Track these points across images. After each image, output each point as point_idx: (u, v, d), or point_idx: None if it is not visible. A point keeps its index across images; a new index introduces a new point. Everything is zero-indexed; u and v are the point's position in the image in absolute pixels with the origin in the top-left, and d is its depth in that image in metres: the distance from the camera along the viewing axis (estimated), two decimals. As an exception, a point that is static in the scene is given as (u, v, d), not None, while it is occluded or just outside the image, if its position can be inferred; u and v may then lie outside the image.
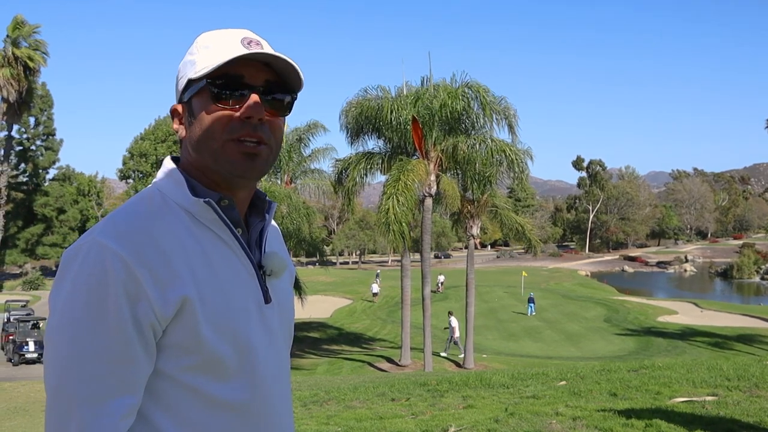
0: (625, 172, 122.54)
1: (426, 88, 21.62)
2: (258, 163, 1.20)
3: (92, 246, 1.09)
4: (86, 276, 1.08)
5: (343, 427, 6.72)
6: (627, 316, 38.31)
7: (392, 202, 19.24)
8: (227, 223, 1.21)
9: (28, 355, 23.68)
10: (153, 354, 1.13)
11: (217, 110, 1.18)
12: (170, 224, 1.16)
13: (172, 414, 1.15)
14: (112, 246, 1.08)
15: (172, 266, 1.12)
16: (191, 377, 1.15)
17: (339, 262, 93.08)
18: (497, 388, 8.94)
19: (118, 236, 1.10)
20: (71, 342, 1.08)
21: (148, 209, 1.17)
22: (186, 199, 1.19)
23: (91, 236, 1.11)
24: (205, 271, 1.16)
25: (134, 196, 1.21)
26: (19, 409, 15.20)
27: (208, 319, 1.14)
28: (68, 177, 66.88)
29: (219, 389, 1.17)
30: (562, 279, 61.86)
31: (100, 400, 1.08)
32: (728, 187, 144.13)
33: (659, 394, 7.20)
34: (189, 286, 1.12)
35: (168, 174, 1.24)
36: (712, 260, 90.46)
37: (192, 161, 1.24)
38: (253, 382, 1.21)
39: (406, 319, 22.62)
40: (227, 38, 1.20)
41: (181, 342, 1.13)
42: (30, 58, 39.46)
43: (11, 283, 59.12)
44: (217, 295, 1.16)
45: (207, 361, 1.15)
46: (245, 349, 1.19)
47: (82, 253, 1.10)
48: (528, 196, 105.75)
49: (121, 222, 1.14)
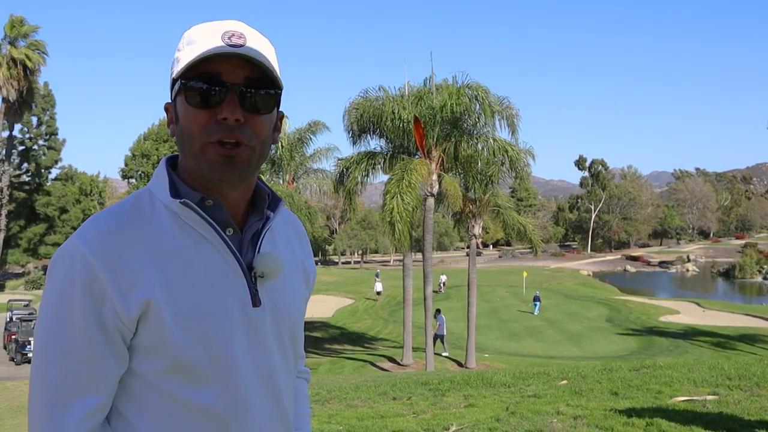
0: (627, 172, 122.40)
1: (428, 88, 21.62)
2: (238, 166, 1.14)
3: (68, 249, 1.12)
4: (59, 278, 1.11)
5: (344, 426, 6.73)
6: (629, 315, 38.27)
7: (396, 201, 19.24)
8: (211, 224, 1.17)
9: (30, 355, 23.68)
10: (123, 355, 1.13)
11: (195, 111, 1.13)
12: (149, 225, 1.15)
13: (150, 414, 1.15)
14: (82, 248, 1.10)
15: (137, 268, 1.10)
16: (164, 380, 1.14)
17: (341, 262, 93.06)
18: (498, 388, 8.95)
19: (90, 238, 1.11)
20: (44, 342, 1.11)
21: (131, 210, 1.17)
22: (167, 199, 1.17)
23: (71, 239, 1.14)
24: (181, 273, 1.13)
25: (126, 196, 1.23)
26: (21, 408, 15.23)
27: (178, 322, 1.11)
28: (70, 177, 66.90)
29: (193, 393, 1.14)
30: (564, 279, 61.78)
31: (64, 399, 1.09)
32: (731, 187, 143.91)
33: (660, 393, 7.20)
34: (155, 289, 1.11)
35: (159, 173, 1.23)
36: (714, 260, 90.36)
37: (182, 161, 1.22)
38: (232, 387, 1.17)
39: (407, 318, 22.64)
40: (210, 32, 1.14)
41: (149, 344, 1.12)
42: (28, 57, 39.52)
43: (13, 282, 59.18)
44: (191, 297, 1.13)
45: (177, 365, 1.13)
46: (222, 353, 1.15)
47: (60, 256, 1.13)
48: (530, 195, 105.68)
49: (98, 224, 1.14)
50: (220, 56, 1.11)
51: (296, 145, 26.38)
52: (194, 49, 1.13)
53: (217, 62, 1.12)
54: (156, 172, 1.24)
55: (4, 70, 38.84)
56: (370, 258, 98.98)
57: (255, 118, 1.15)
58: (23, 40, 40.38)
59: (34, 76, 41.21)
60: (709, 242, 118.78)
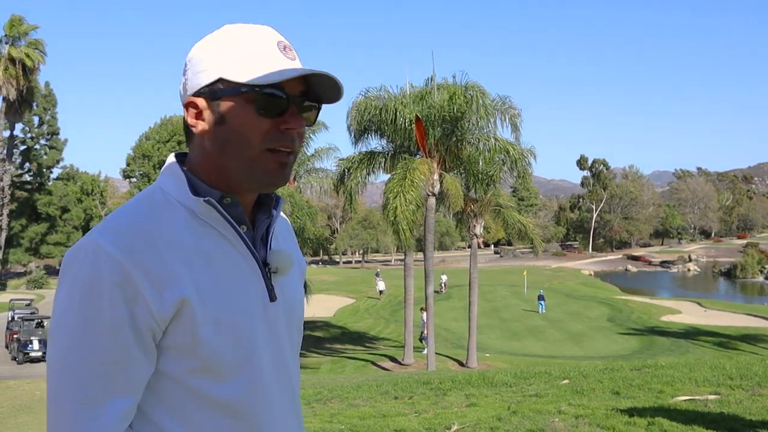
0: (628, 172, 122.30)
1: (429, 87, 21.64)
2: (287, 172, 1.20)
3: (89, 247, 1.09)
4: (83, 278, 1.07)
5: (346, 425, 6.74)
6: (630, 315, 38.27)
7: (399, 201, 19.26)
8: (230, 221, 1.19)
9: (32, 354, 23.74)
10: (153, 355, 1.12)
11: (259, 119, 1.15)
12: (170, 223, 1.14)
13: (175, 414, 1.14)
14: (108, 247, 1.07)
15: (169, 266, 1.10)
16: (191, 378, 1.14)
17: (342, 262, 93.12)
18: (500, 387, 8.96)
19: (115, 237, 1.09)
20: (69, 343, 1.07)
21: (148, 208, 1.15)
22: (187, 197, 1.17)
23: (90, 237, 1.10)
24: (206, 271, 1.14)
25: (137, 194, 1.19)
26: (24, 407, 15.24)
27: (208, 320, 1.12)
28: (72, 176, 66.97)
29: (219, 390, 1.15)
30: (565, 278, 61.78)
31: (98, 401, 1.07)
32: (732, 187, 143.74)
33: (662, 392, 7.21)
34: (187, 287, 1.11)
35: (170, 172, 1.21)
36: (715, 260, 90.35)
37: (206, 159, 1.21)
38: (255, 382, 1.19)
39: (409, 318, 22.66)
40: (262, 39, 1.17)
41: (180, 344, 1.12)
42: (28, 56, 39.55)
43: (15, 281, 59.22)
44: (218, 294, 1.15)
45: (206, 363, 1.13)
46: (246, 349, 1.18)
47: (81, 255, 1.09)
48: (531, 195, 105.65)
49: (119, 222, 1.12)
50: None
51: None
52: (260, 59, 1.15)
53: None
54: (166, 171, 1.22)
55: (3, 70, 38.90)
56: (371, 257, 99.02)
57: (303, 129, 1.20)
58: (22, 39, 40.43)
59: (33, 75, 41.25)
60: (711, 242, 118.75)
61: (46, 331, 25.42)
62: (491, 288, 48.94)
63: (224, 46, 1.17)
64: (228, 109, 1.16)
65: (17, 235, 60.70)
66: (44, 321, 26.61)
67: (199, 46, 1.21)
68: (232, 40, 1.17)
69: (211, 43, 1.19)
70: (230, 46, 1.17)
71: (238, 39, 1.17)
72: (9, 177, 45.00)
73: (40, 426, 12.73)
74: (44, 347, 23.95)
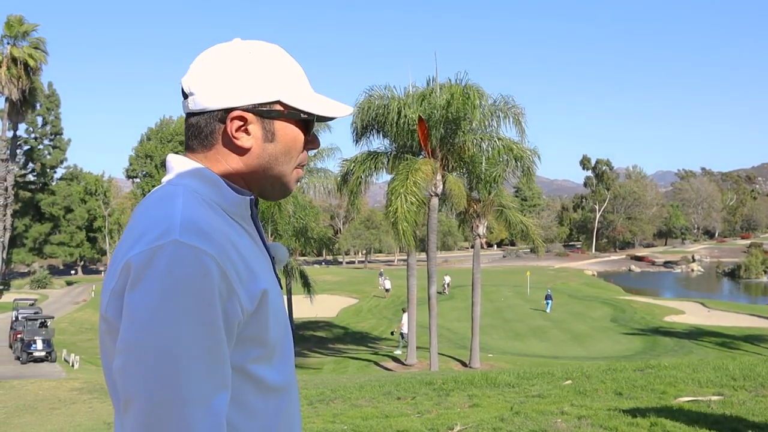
0: (632, 172, 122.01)
1: (432, 87, 21.62)
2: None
3: (178, 247, 1.05)
4: (182, 277, 1.04)
5: (349, 425, 6.75)
6: (634, 315, 38.22)
7: (400, 201, 19.26)
8: (255, 220, 1.27)
9: (36, 354, 23.80)
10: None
11: (300, 138, 1.28)
12: (226, 222, 1.17)
13: (233, 400, 1.15)
14: (202, 246, 1.06)
15: (247, 261, 1.15)
16: (253, 366, 1.17)
17: (345, 262, 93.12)
18: (503, 388, 8.96)
19: (203, 236, 1.07)
20: (176, 343, 1.03)
21: (206, 208, 1.15)
22: (227, 197, 1.20)
23: (168, 237, 1.06)
24: (258, 265, 1.20)
25: (170, 194, 1.16)
26: (28, 406, 15.29)
27: (274, 309, 1.19)
28: (75, 176, 67.10)
29: (271, 374, 1.21)
30: (568, 278, 61.71)
31: (208, 398, 1.05)
32: (736, 187, 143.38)
33: (665, 393, 7.20)
34: (263, 280, 1.17)
35: (198, 174, 1.21)
36: (719, 260, 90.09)
37: (244, 172, 1.24)
38: (292, 364, 1.29)
39: (412, 318, 22.65)
40: (297, 66, 1.29)
41: (254, 334, 1.15)
42: (30, 56, 39.58)
43: (19, 281, 59.33)
44: (269, 283, 1.21)
45: (269, 350, 1.19)
46: (287, 334, 1.27)
47: (165, 256, 1.04)
48: (534, 195, 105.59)
49: (198, 221, 1.10)
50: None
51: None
52: (306, 85, 1.29)
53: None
54: (191, 172, 1.21)
55: (5, 70, 38.93)
56: (374, 258, 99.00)
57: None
58: (24, 39, 40.46)
59: (36, 75, 41.27)
60: (714, 242, 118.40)
61: (49, 330, 25.47)
62: (494, 288, 48.92)
63: (275, 67, 1.25)
64: (282, 129, 1.25)
65: (21, 235, 60.83)
66: (48, 321, 26.67)
67: (234, 58, 1.23)
68: (280, 63, 1.26)
69: (260, 62, 1.23)
70: (280, 68, 1.25)
71: (283, 62, 1.27)
72: (12, 177, 45.05)
73: (43, 425, 12.76)
74: (47, 347, 24.00)
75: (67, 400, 16.00)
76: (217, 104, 1.21)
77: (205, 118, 1.22)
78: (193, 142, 1.25)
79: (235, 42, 1.26)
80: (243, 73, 1.21)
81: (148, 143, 66.69)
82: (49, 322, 26.70)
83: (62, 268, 75.21)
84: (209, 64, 1.23)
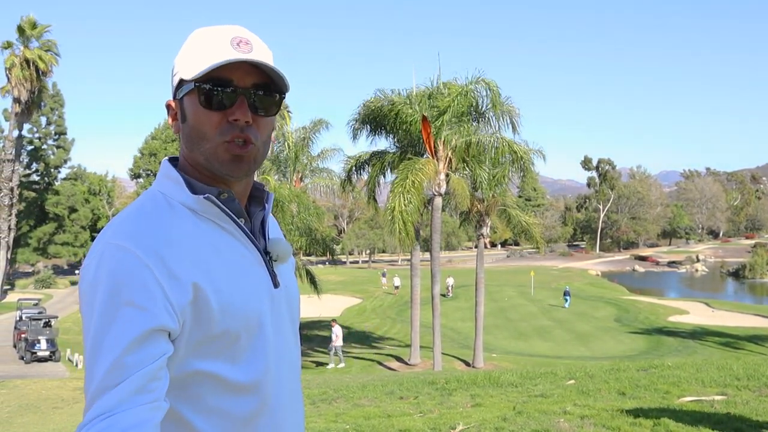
0: (636, 171, 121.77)
1: (436, 87, 21.63)
2: (245, 162, 1.24)
3: (107, 250, 1.13)
4: (108, 269, 1.11)
5: (351, 424, 6.74)
6: (638, 315, 38.16)
7: (398, 200, 19.32)
8: (230, 215, 1.25)
9: (39, 353, 23.85)
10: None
11: (207, 113, 1.22)
12: (176, 221, 1.20)
13: (193, 402, 1.19)
14: (124, 244, 1.12)
15: (181, 258, 1.15)
16: (210, 365, 1.18)
17: (349, 261, 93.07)
18: (506, 387, 8.94)
19: (128, 236, 1.14)
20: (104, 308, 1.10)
21: (152, 209, 1.21)
22: (187, 197, 1.23)
23: (103, 242, 1.15)
24: (215, 261, 1.20)
25: (137, 198, 1.25)
26: (31, 406, 15.33)
27: (222, 306, 1.18)
28: (79, 176, 67.20)
29: (235, 372, 1.20)
30: (572, 278, 61.60)
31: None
32: (740, 187, 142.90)
33: (668, 393, 7.17)
34: (199, 275, 1.16)
35: (166, 175, 1.27)
36: (723, 260, 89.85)
37: (187, 157, 1.28)
38: (264, 363, 1.25)
39: (415, 318, 22.64)
40: (217, 37, 1.23)
41: (200, 334, 1.17)
42: (41, 58, 39.61)
43: (23, 281, 59.48)
44: (229, 282, 1.20)
45: (223, 348, 1.18)
46: (257, 332, 1.23)
47: (98, 259, 1.13)
48: (538, 195, 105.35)
49: (127, 223, 1.17)
50: (234, 63, 1.20)
51: (302, 146, 26.45)
52: (203, 54, 1.21)
53: (230, 68, 1.21)
54: (162, 175, 1.28)
55: (17, 71, 38.96)
56: (377, 257, 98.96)
57: (260, 120, 1.25)
58: (36, 40, 40.49)
59: (45, 77, 41.33)
60: (719, 242, 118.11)
61: (53, 330, 25.52)
62: (498, 288, 48.86)
63: (186, 48, 1.25)
64: (187, 106, 1.25)
65: (25, 235, 60.94)
66: (51, 320, 26.71)
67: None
68: (193, 42, 1.25)
69: (182, 47, 1.27)
70: (190, 47, 1.25)
71: (198, 40, 1.25)
72: (17, 177, 45.11)
73: (46, 425, 12.78)
74: (51, 347, 24.04)
75: (70, 399, 16.04)
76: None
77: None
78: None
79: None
80: (173, 67, 1.28)
81: (153, 142, 66.79)
82: (53, 321, 26.75)
83: (66, 268, 75.37)
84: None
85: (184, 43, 1.26)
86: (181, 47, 1.26)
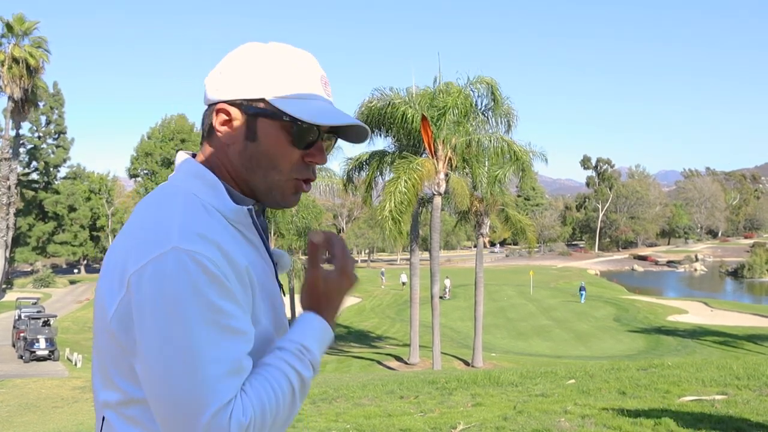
0: (635, 171, 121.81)
1: (436, 87, 21.64)
2: (300, 197, 1.27)
3: (182, 255, 1.05)
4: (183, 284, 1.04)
5: (352, 424, 6.74)
6: (637, 315, 38.19)
7: (390, 199, 19.37)
8: (258, 228, 1.24)
9: (38, 352, 23.83)
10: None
11: (290, 148, 1.20)
12: (223, 227, 1.15)
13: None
14: (199, 250, 1.06)
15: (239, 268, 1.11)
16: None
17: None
18: (506, 387, 8.94)
19: (202, 240, 1.08)
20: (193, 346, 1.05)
21: (204, 212, 1.15)
22: (227, 204, 1.18)
23: (170, 245, 1.06)
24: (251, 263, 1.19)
25: (169, 197, 1.17)
26: (30, 405, 15.32)
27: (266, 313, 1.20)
28: (79, 175, 67.19)
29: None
30: (571, 278, 61.63)
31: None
32: (739, 186, 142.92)
33: (668, 392, 7.18)
34: (255, 283, 1.16)
35: (197, 175, 1.20)
36: (722, 259, 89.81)
37: (232, 170, 1.22)
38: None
39: (414, 317, 22.63)
40: (308, 70, 1.22)
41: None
42: (31, 55, 39.60)
43: (22, 280, 59.44)
44: (264, 291, 1.20)
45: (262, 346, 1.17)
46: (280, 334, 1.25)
47: (174, 265, 1.05)
48: (537, 194, 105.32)
49: (194, 225, 1.10)
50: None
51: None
52: (301, 87, 1.20)
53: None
54: (189, 174, 1.21)
55: (6, 69, 38.96)
56: (377, 257, 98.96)
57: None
58: (25, 37, 40.46)
59: (37, 74, 41.28)
60: (718, 242, 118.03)
61: (52, 329, 25.50)
62: (497, 287, 48.89)
63: (273, 66, 1.20)
64: (264, 129, 1.19)
65: (24, 234, 60.95)
66: (50, 320, 26.70)
67: (245, 54, 1.23)
68: (281, 63, 1.21)
69: (260, 58, 1.21)
70: (279, 68, 1.20)
71: (287, 64, 1.21)
72: (15, 176, 45.07)
73: (45, 424, 12.77)
74: (50, 346, 24.03)
75: (69, 398, 16.04)
76: (211, 97, 1.23)
77: (207, 112, 1.25)
78: (201, 136, 1.28)
79: (257, 43, 1.25)
80: (237, 69, 1.21)
81: (149, 142, 66.70)
82: (52, 320, 26.74)
83: (65, 267, 75.36)
84: (221, 62, 1.25)
85: (265, 55, 1.21)
86: (260, 57, 1.21)
